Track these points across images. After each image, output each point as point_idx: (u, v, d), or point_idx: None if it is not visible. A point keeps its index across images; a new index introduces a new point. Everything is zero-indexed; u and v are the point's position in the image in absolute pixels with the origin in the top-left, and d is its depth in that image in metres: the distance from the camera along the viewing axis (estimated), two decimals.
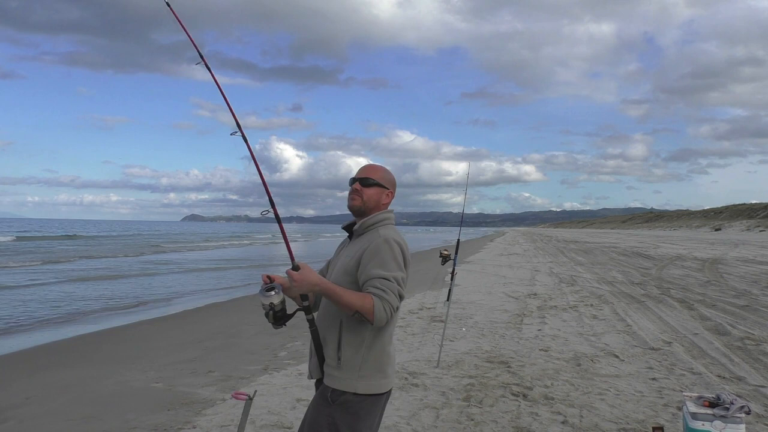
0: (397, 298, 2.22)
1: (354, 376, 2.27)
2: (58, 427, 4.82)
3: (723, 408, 3.43)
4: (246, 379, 6.03)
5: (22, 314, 11.48)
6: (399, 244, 2.33)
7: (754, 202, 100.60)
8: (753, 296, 11.23)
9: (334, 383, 2.28)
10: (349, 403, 2.26)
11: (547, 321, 8.96)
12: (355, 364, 2.28)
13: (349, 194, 2.47)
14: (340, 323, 2.30)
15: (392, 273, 2.23)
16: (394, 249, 2.29)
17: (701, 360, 6.42)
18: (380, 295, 2.18)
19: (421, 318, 9.34)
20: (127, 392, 5.76)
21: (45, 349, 8.47)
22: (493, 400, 5.02)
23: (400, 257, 2.30)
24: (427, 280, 15.60)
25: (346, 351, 2.28)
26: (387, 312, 2.18)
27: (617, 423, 4.48)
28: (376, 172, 2.49)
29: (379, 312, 2.16)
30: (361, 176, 2.47)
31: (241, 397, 2.50)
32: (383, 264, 2.25)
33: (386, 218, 2.45)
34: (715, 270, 17.39)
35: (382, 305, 2.17)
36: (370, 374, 2.29)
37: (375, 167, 2.52)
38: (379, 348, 2.32)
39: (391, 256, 2.27)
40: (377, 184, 2.46)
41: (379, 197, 2.46)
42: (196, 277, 20.55)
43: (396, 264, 2.27)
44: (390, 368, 2.39)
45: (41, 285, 16.80)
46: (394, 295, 2.20)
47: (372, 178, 2.46)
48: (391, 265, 2.25)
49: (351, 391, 2.26)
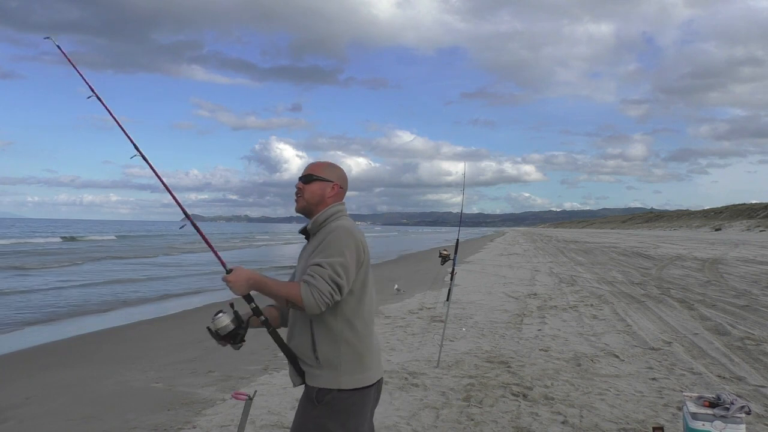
0: (327, 283, 2.16)
1: (336, 372, 2.24)
2: (58, 427, 4.82)
3: (723, 408, 3.43)
4: (246, 379, 6.03)
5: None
6: (346, 230, 2.29)
7: (754, 202, 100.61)
8: (753, 296, 11.23)
9: (318, 382, 2.25)
10: (336, 400, 2.22)
11: (547, 321, 8.96)
12: (334, 360, 2.24)
13: (295, 196, 2.46)
14: (310, 321, 2.27)
15: (328, 259, 2.20)
16: (338, 236, 2.26)
17: (701, 360, 6.42)
18: (308, 280, 2.17)
19: (421, 318, 9.34)
20: (127, 392, 5.76)
21: (45, 349, 8.47)
22: (493, 400, 5.02)
23: (344, 244, 2.24)
24: (427, 280, 15.60)
25: (322, 348, 2.25)
26: (315, 297, 2.14)
27: (617, 423, 4.48)
28: (318, 167, 2.47)
29: (307, 298, 2.14)
30: (303, 174, 2.46)
31: (241, 397, 2.49)
32: (323, 252, 2.23)
33: (337, 211, 2.41)
34: (715, 270, 17.39)
35: (309, 290, 2.15)
36: (352, 368, 2.25)
37: (317, 163, 2.50)
38: (356, 340, 2.28)
39: (333, 243, 2.24)
40: (319, 178, 2.43)
41: (323, 191, 2.42)
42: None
43: (336, 250, 2.22)
44: (372, 359, 2.34)
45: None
46: (323, 280, 2.16)
47: (312, 173, 2.44)
48: (329, 252, 2.22)
49: (335, 387, 2.23)
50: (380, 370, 2.42)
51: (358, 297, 2.31)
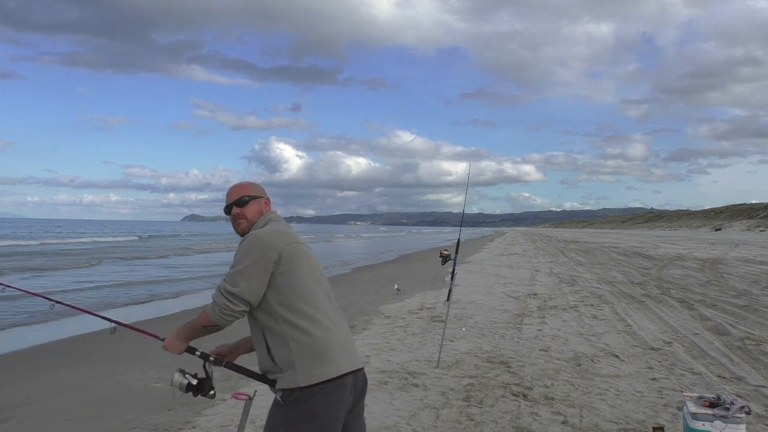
0: (222, 295, 2.29)
1: (292, 371, 2.28)
2: (58, 427, 4.82)
3: (723, 408, 3.43)
4: (246, 379, 6.01)
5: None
6: (254, 235, 2.38)
7: (754, 202, 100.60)
8: (753, 296, 11.23)
9: (281, 384, 2.31)
10: (299, 399, 2.26)
11: (547, 321, 8.95)
12: (289, 360, 2.28)
13: (233, 221, 2.53)
14: (262, 332, 2.36)
15: (229, 271, 2.33)
16: (243, 244, 2.36)
17: (701, 360, 6.42)
18: (212, 300, 2.33)
19: (421, 318, 9.34)
20: (127, 392, 5.77)
21: (45, 349, 8.47)
22: (493, 400, 5.02)
23: (247, 249, 2.32)
24: (427, 280, 15.60)
25: (275, 351, 2.32)
26: (216, 311, 2.31)
27: (617, 423, 4.48)
28: (245, 188, 2.57)
29: (213, 315, 2.33)
30: (235, 198, 2.54)
31: (241, 397, 2.50)
32: (231, 265, 2.36)
33: (267, 220, 2.50)
34: (715, 270, 17.38)
35: (212, 308, 2.32)
36: (308, 365, 2.27)
37: (242, 185, 2.61)
38: (304, 336, 2.29)
39: (237, 253, 2.35)
40: (252, 197, 2.54)
41: (260, 208, 2.55)
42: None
43: (237, 259, 2.33)
44: (334, 351, 2.31)
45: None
46: (219, 294, 2.30)
47: (246, 194, 2.54)
48: (233, 263, 2.34)
49: (295, 386, 2.27)
50: (351, 361, 2.37)
51: (290, 295, 2.32)
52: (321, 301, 2.40)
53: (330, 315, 2.40)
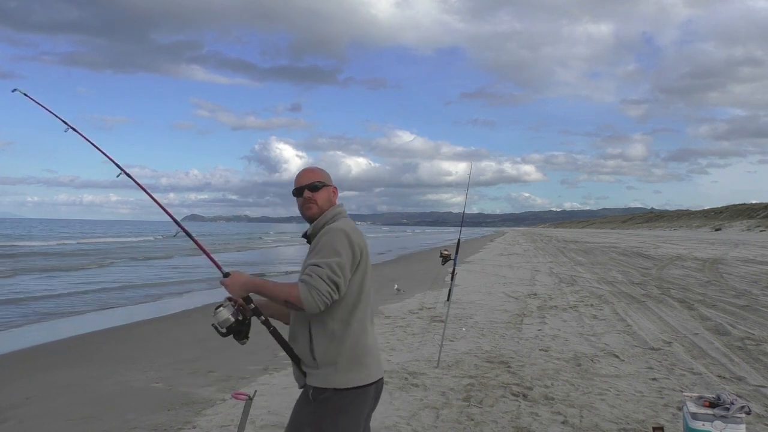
0: (325, 282, 2.20)
1: (331, 372, 2.27)
2: (58, 427, 4.82)
3: (723, 408, 3.43)
4: (246, 379, 6.03)
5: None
6: (342, 230, 2.34)
7: (754, 202, 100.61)
8: (753, 296, 11.23)
9: (314, 381, 2.29)
10: (330, 399, 2.26)
11: (547, 321, 8.95)
12: (330, 360, 2.28)
13: (303, 204, 2.49)
14: (308, 324, 2.32)
15: (325, 259, 2.24)
16: (334, 237, 2.31)
17: (701, 360, 6.42)
18: (306, 280, 2.21)
19: (421, 318, 9.34)
20: (127, 392, 5.76)
21: (45, 349, 8.47)
22: (493, 400, 5.02)
23: (340, 244, 2.28)
24: (427, 280, 15.60)
25: (318, 347, 2.29)
26: (314, 297, 2.18)
27: (617, 423, 4.48)
28: (319, 174, 2.53)
29: (306, 298, 2.18)
30: (309, 182, 2.49)
31: (241, 397, 2.50)
32: (319, 252, 2.28)
33: (337, 213, 2.47)
34: (715, 270, 17.38)
35: (308, 290, 2.18)
36: (347, 367, 2.28)
37: (315, 170, 2.56)
38: (352, 339, 2.31)
39: (329, 243, 2.29)
40: (324, 185, 2.50)
41: (329, 196, 2.51)
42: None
43: (332, 251, 2.26)
44: (370, 359, 2.36)
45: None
46: (321, 280, 2.19)
47: (319, 181, 2.50)
48: (326, 252, 2.26)
49: (330, 387, 2.26)
50: (379, 370, 2.43)
51: (354, 297, 2.33)
52: (370, 307, 2.45)
53: (373, 322, 2.47)
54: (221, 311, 2.32)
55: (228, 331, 2.33)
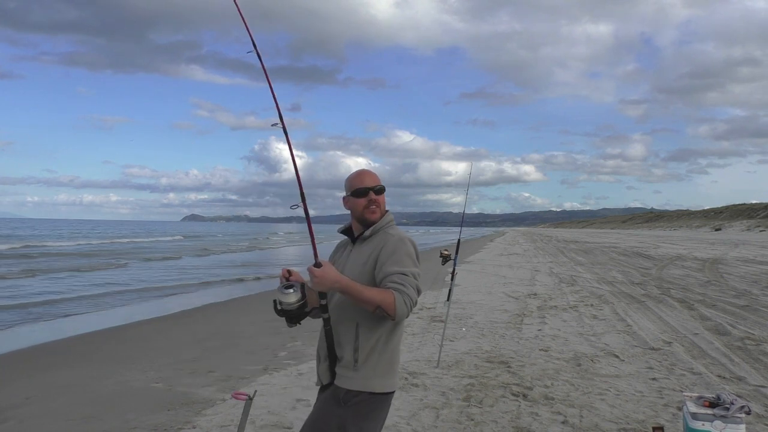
0: (415, 292, 2.26)
1: (371, 375, 2.29)
2: (58, 427, 4.82)
3: (723, 408, 3.43)
4: (246, 379, 6.03)
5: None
6: (411, 241, 2.41)
7: (754, 202, 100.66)
8: (753, 296, 11.23)
9: (349, 384, 2.29)
10: (363, 403, 2.28)
11: (547, 321, 8.96)
12: (371, 364, 2.30)
13: (365, 207, 2.44)
14: (356, 325, 2.31)
15: (409, 269, 2.29)
16: (408, 246, 2.37)
17: (701, 360, 6.42)
18: (400, 289, 2.21)
19: (421, 318, 9.34)
20: (127, 392, 5.76)
21: (45, 349, 8.47)
22: (493, 400, 5.02)
23: (413, 254, 2.37)
24: (427, 280, 15.59)
25: (363, 351, 2.31)
26: (407, 305, 2.20)
27: (617, 423, 4.48)
28: (378, 178, 2.53)
29: (401, 306, 2.19)
30: (374, 185, 2.47)
31: (241, 397, 2.49)
32: (399, 261, 2.30)
33: (391, 219, 2.52)
34: (715, 270, 17.39)
35: (403, 299, 2.19)
36: (385, 372, 2.33)
37: (372, 173, 2.54)
38: (393, 346, 2.37)
39: (406, 253, 2.34)
40: (384, 189, 2.53)
41: (384, 201, 2.54)
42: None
43: (411, 260, 2.33)
44: (398, 366, 2.44)
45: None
46: (412, 289, 2.24)
47: (381, 184, 2.52)
48: (406, 262, 2.31)
49: (368, 390, 2.28)
50: (398, 377, 2.50)
51: None
52: None
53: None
54: (291, 293, 2.26)
55: (285, 311, 2.29)
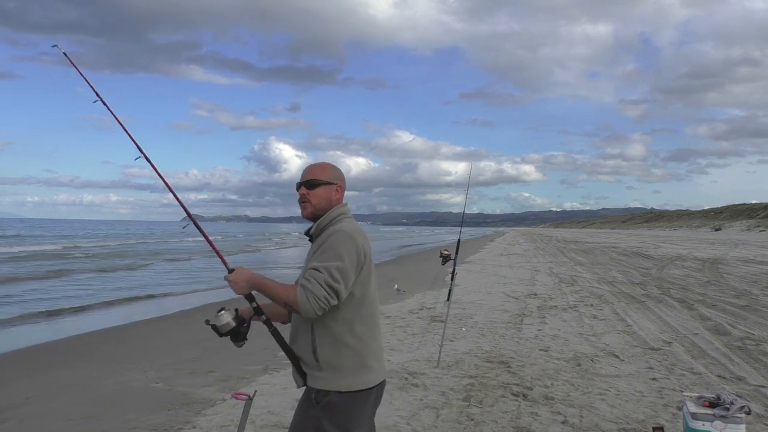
0: (322, 287, 2.16)
1: (335, 375, 2.24)
2: (58, 427, 4.82)
3: (723, 408, 3.43)
4: (246, 379, 6.03)
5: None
6: (347, 233, 2.29)
7: (754, 202, 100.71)
8: (753, 296, 11.23)
9: (317, 384, 2.26)
10: (334, 402, 2.23)
11: (547, 321, 8.95)
12: (334, 362, 2.25)
13: (299, 202, 2.43)
14: (311, 326, 2.29)
15: (325, 263, 2.20)
16: (338, 240, 2.26)
17: (701, 360, 6.42)
18: (304, 284, 2.18)
19: (421, 318, 9.34)
20: (127, 392, 5.76)
21: (45, 349, 8.47)
22: (493, 400, 5.02)
23: (343, 247, 2.24)
24: (427, 280, 15.60)
25: (322, 350, 2.26)
26: (311, 302, 2.15)
27: (617, 423, 4.48)
28: (319, 171, 2.45)
29: (303, 302, 2.16)
30: (306, 179, 2.42)
31: (241, 397, 2.49)
32: (320, 255, 2.24)
33: (340, 214, 2.40)
34: (715, 270, 17.39)
35: (305, 295, 2.16)
36: (351, 371, 2.26)
37: (317, 166, 2.48)
38: (356, 342, 2.28)
39: (332, 247, 2.25)
40: (322, 182, 2.42)
41: (329, 195, 2.42)
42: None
43: (334, 254, 2.22)
44: (374, 361, 2.34)
45: None
46: (319, 285, 2.16)
47: (316, 178, 2.42)
48: (327, 256, 2.23)
49: (334, 390, 2.23)
50: (383, 372, 2.41)
51: (358, 300, 2.30)
52: (377, 310, 2.41)
53: (378, 325, 2.43)
54: (223, 314, 2.29)
55: (227, 334, 2.31)
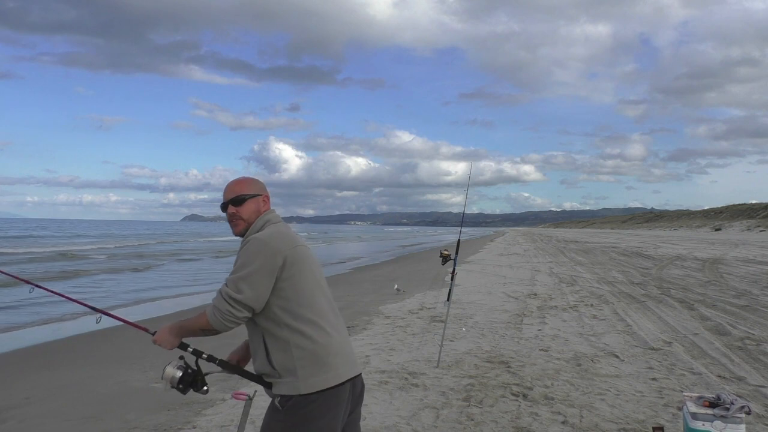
0: (225, 300, 2.20)
1: (293, 379, 2.22)
2: (58, 428, 4.82)
3: (723, 408, 3.43)
4: (246, 379, 6.02)
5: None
6: (258, 239, 2.27)
7: (754, 202, 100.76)
8: (753, 296, 11.23)
9: (279, 389, 2.25)
10: (298, 405, 2.21)
11: (547, 321, 8.95)
12: (289, 367, 2.23)
13: (230, 222, 2.42)
14: (262, 336, 2.30)
15: (231, 276, 2.24)
16: (247, 249, 2.27)
17: (701, 360, 6.42)
18: (212, 302, 2.26)
19: (421, 318, 9.34)
20: (127, 392, 5.76)
21: (45, 349, 8.47)
22: (493, 400, 5.02)
23: (252, 253, 2.23)
24: (427, 280, 15.60)
25: (275, 356, 2.25)
26: (217, 316, 2.23)
27: (617, 423, 4.48)
28: (243, 186, 2.44)
29: (213, 320, 2.25)
30: (232, 197, 2.40)
31: (241, 397, 2.50)
32: (233, 269, 2.27)
33: (265, 222, 2.39)
34: (715, 270, 17.39)
35: (213, 312, 2.24)
36: (309, 372, 2.22)
37: (238, 182, 2.47)
38: (307, 343, 2.24)
39: (241, 256, 2.27)
40: (249, 196, 2.41)
41: (258, 207, 2.41)
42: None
43: (240, 264, 2.24)
44: (335, 358, 2.27)
45: None
46: (221, 299, 2.22)
47: (242, 194, 2.41)
48: (235, 267, 2.26)
49: (295, 393, 2.22)
50: (351, 368, 2.34)
51: (293, 300, 2.26)
52: (323, 306, 2.34)
53: (331, 320, 2.35)
54: (166, 370, 2.31)
55: (184, 387, 2.33)
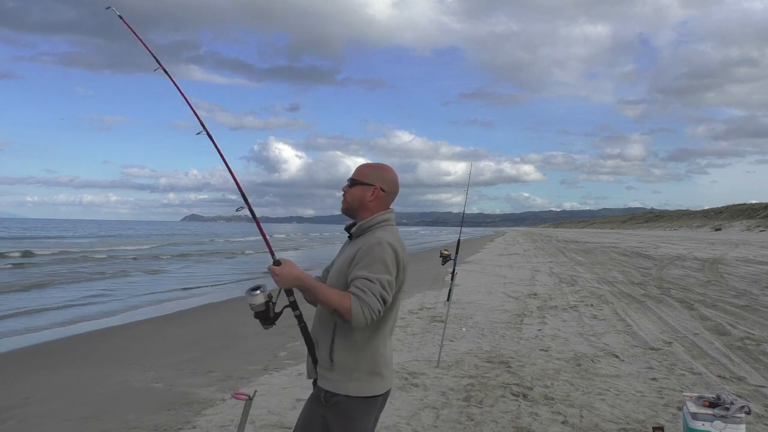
0: (377, 300, 2.14)
1: (346, 379, 2.24)
2: (58, 427, 4.82)
3: (723, 408, 3.43)
4: (246, 379, 6.03)
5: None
6: (392, 246, 2.26)
7: (754, 202, 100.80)
8: (753, 296, 11.23)
9: (327, 385, 2.26)
10: (342, 404, 2.23)
11: (547, 321, 8.95)
12: (347, 367, 2.25)
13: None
14: (334, 325, 2.28)
15: (376, 275, 2.18)
16: (384, 251, 2.23)
17: (701, 360, 6.42)
18: (359, 295, 2.13)
19: (421, 318, 9.33)
20: (127, 392, 5.76)
21: (44, 349, 8.47)
22: (493, 400, 5.02)
23: (390, 260, 2.23)
24: (427, 280, 15.59)
25: (338, 353, 2.26)
26: (365, 313, 2.12)
27: (617, 423, 4.48)
28: (360, 170, 2.45)
29: (356, 312, 2.12)
30: (350, 177, 2.45)
31: (241, 397, 2.49)
32: (369, 265, 2.20)
33: (384, 220, 2.39)
34: (715, 270, 17.39)
35: (360, 306, 2.12)
36: (362, 376, 2.26)
37: (364, 165, 2.47)
38: (372, 350, 2.28)
39: (380, 258, 2.21)
40: (359, 182, 2.41)
41: (363, 196, 2.39)
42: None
43: (383, 266, 2.21)
44: (385, 369, 2.33)
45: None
46: (374, 297, 2.14)
47: (355, 177, 2.42)
48: (377, 267, 2.20)
49: (343, 393, 2.23)
50: (391, 380, 2.40)
51: (387, 310, 2.28)
52: (396, 320, 2.41)
53: (392, 332, 2.42)
54: (258, 295, 2.24)
55: (257, 315, 2.28)
